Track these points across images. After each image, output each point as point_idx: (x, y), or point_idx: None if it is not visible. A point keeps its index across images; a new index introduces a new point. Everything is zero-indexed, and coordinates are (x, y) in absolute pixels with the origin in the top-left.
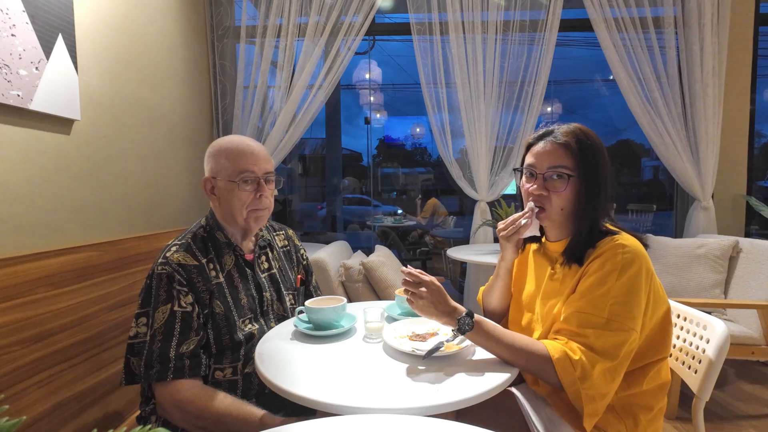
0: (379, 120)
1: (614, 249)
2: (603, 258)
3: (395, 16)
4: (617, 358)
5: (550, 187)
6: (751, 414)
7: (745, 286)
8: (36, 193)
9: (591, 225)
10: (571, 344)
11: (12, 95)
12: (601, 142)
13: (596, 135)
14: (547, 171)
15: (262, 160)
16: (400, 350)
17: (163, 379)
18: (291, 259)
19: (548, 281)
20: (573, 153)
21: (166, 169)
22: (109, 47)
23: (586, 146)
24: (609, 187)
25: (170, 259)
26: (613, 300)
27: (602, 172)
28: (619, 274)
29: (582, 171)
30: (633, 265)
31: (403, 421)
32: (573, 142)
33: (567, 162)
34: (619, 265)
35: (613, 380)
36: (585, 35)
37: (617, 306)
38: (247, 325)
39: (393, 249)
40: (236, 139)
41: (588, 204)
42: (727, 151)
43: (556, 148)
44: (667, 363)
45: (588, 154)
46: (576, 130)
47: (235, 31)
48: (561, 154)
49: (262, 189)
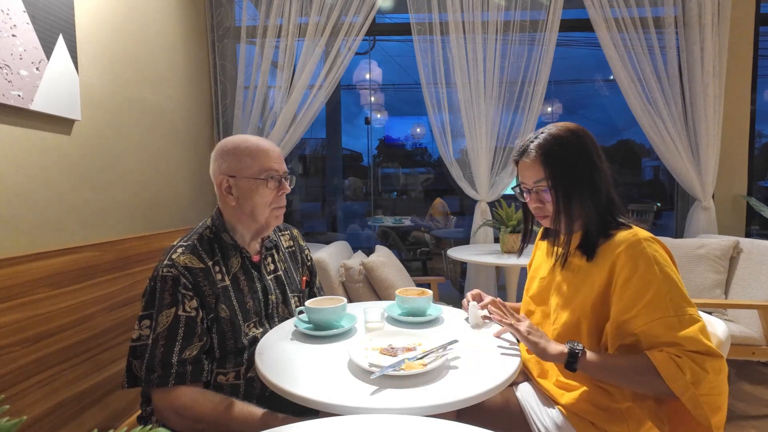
0: (379, 120)
1: (637, 244)
2: (630, 256)
3: (395, 16)
4: (712, 349)
5: (542, 200)
6: (752, 414)
7: (745, 286)
8: (36, 193)
9: (591, 216)
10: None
11: (13, 95)
12: (579, 138)
13: (573, 133)
14: (533, 186)
15: (280, 158)
16: (357, 364)
17: (164, 385)
18: (296, 260)
19: (561, 274)
20: (546, 165)
21: (167, 169)
22: (110, 47)
23: (553, 153)
24: (597, 177)
25: (176, 261)
26: (669, 295)
27: (577, 171)
28: (658, 268)
29: (561, 178)
30: (660, 253)
31: (403, 421)
32: (541, 156)
33: (544, 174)
34: (651, 259)
35: (721, 371)
36: (585, 35)
37: (675, 299)
38: (252, 329)
39: (393, 249)
40: (253, 138)
41: (572, 203)
42: (727, 151)
43: (531, 165)
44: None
45: (562, 161)
46: (547, 140)
47: (235, 31)
48: (538, 170)
49: (284, 187)
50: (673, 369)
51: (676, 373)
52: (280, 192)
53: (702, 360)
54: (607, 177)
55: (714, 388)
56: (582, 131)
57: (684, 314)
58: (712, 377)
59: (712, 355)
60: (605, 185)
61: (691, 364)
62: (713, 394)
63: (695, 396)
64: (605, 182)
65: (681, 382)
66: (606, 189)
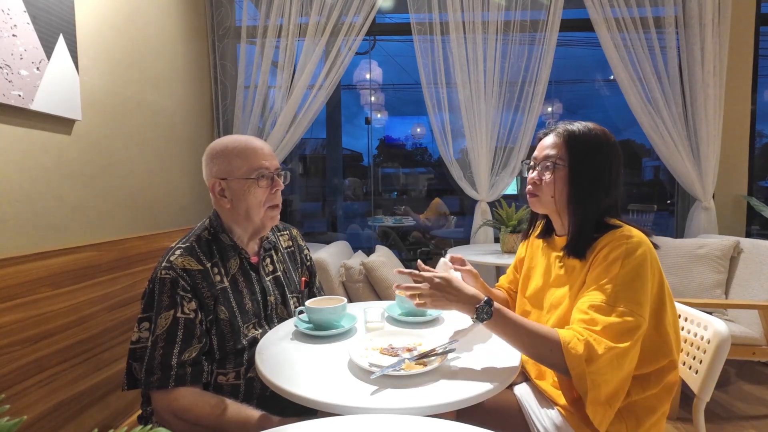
0: (379, 120)
1: (619, 239)
2: (608, 248)
3: (396, 16)
4: (625, 342)
5: (542, 176)
6: (752, 414)
7: (745, 286)
8: (37, 192)
9: (588, 218)
10: (577, 328)
11: (13, 95)
12: (609, 142)
13: (606, 134)
14: (541, 161)
15: (271, 156)
16: (357, 364)
17: (164, 387)
18: (295, 261)
19: (555, 274)
20: (564, 144)
21: (167, 169)
22: (110, 47)
23: (580, 139)
24: (608, 183)
25: (174, 263)
26: (620, 287)
27: (595, 167)
28: (623, 262)
29: (571, 162)
30: (638, 254)
31: (403, 421)
32: (566, 133)
33: (557, 152)
34: (624, 253)
35: (620, 367)
36: (586, 35)
37: (623, 292)
38: (251, 331)
39: (393, 249)
40: (241, 138)
41: (577, 194)
42: (727, 151)
43: (551, 140)
44: (677, 363)
45: (580, 147)
46: (576, 125)
47: (235, 31)
48: (553, 145)
49: (277, 184)
50: (573, 346)
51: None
52: (273, 189)
53: (602, 343)
54: (618, 189)
55: (600, 371)
56: (613, 140)
57: (621, 308)
58: (603, 363)
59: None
60: (614, 194)
61: (590, 344)
62: (599, 373)
63: (584, 372)
64: (615, 192)
65: (576, 360)
66: (612, 199)
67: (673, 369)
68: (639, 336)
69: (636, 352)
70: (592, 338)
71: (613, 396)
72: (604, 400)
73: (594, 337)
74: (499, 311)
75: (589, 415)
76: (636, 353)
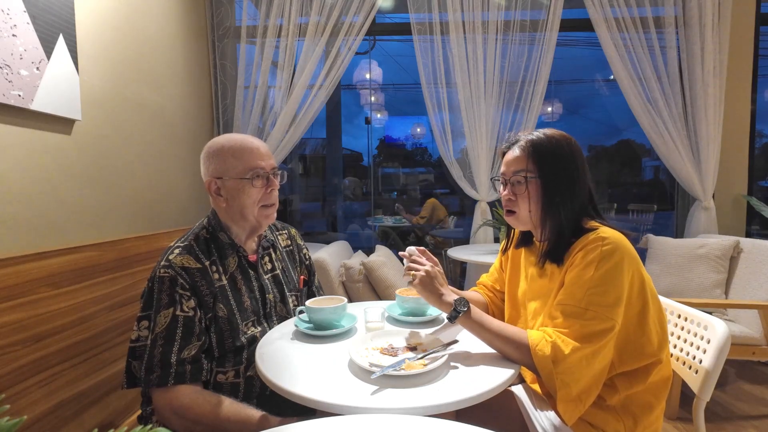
0: (379, 120)
1: (594, 242)
2: (584, 251)
3: (396, 16)
4: (594, 344)
5: (516, 192)
6: (752, 414)
7: (745, 286)
8: (37, 192)
9: (565, 223)
10: (548, 330)
11: (13, 95)
12: (571, 145)
13: (565, 137)
14: (512, 177)
15: (267, 155)
16: (357, 364)
17: (163, 385)
18: (294, 259)
19: (537, 280)
20: (530, 157)
21: (167, 168)
22: (110, 47)
23: (544, 149)
24: (578, 187)
25: (173, 262)
26: (591, 290)
27: (564, 173)
28: (597, 265)
29: (541, 173)
30: (613, 256)
31: (403, 421)
32: (529, 145)
33: (526, 166)
34: (598, 256)
35: (589, 365)
36: (585, 35)
37: (594, 296)
38: (250, 329)
39: (393, 249)
40: (237, 137)
41: (552, 203)
42: (727, 150)
43: (517, 155)
44: (668, 357)
45: (547, 157)
46: (537, 136)
47: (235, 31)
48: (521, 159)
49: (272, 183)
50: (541, 348)
51: (543, 348)
52: (268, 189)
53: (569, 344)
54: (586, 188)
55: (568, 371)
56: (574, 141)
57: (591, 311)
58: (570, 363)
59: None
60: (584, 195)
61: (557, 345)
62: (567, 373)
63: (552, 372)
64: (584, 191)
65: (544, 361)
66: (583, 199)
67: (660, 364)
68: (610, 337)
69: (609, 351)
70: (560, 339)
71: (584, 392)
72: (575, 397)
73: (562, 339)
74: (470, 312)
75: (560, 411)
76: (609, 352)
